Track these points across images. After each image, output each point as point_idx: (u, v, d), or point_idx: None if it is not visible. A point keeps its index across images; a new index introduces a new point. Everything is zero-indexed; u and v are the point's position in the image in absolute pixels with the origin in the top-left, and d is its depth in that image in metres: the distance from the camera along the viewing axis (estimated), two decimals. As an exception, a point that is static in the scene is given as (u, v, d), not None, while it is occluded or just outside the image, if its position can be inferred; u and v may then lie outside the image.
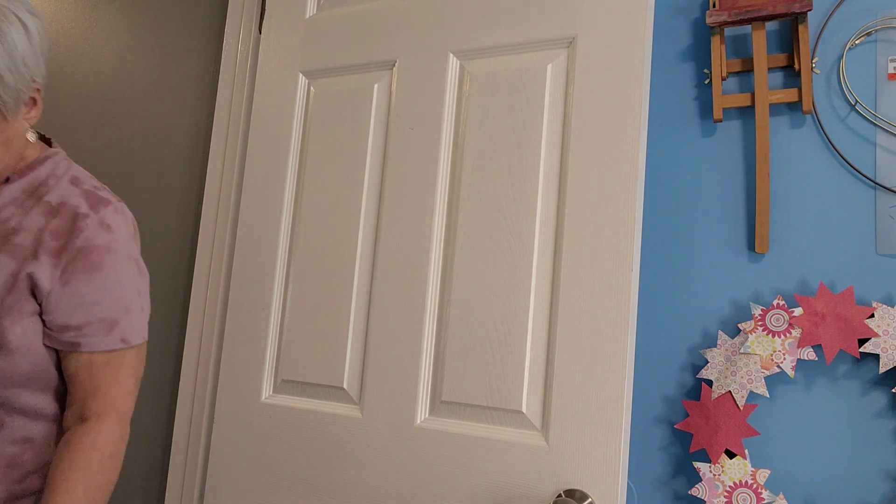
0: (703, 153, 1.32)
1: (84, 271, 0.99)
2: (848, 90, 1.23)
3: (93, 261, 0.99)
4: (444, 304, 1.26)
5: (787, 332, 1.17)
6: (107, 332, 1.01)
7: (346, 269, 1.36)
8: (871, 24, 1.23)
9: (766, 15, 1.21)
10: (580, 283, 1.14)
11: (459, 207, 1.27)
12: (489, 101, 1.28)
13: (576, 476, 1.09)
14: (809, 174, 1.24)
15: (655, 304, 1.30)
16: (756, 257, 1.25)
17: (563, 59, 1.24)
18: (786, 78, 1.28)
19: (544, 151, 1.22)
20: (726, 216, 1.29)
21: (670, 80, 1.36)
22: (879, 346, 1.12)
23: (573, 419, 1.11)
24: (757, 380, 1.17)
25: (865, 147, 1.21)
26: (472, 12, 1.32)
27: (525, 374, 1.17)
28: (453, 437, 1.20)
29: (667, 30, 1.37)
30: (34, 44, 0.97)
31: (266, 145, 1.51)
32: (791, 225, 1.24)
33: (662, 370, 1.29)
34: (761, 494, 1.14)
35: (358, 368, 1.32)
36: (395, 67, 1.39)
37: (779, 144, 1.26)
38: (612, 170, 1.15)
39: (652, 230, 1.32)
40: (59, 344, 1.00)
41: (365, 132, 1.40)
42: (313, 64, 1.49)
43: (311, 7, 1.53)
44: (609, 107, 1.17)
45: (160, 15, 1.83)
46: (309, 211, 1.43)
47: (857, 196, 1.21)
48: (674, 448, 1.26)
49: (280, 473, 1.35)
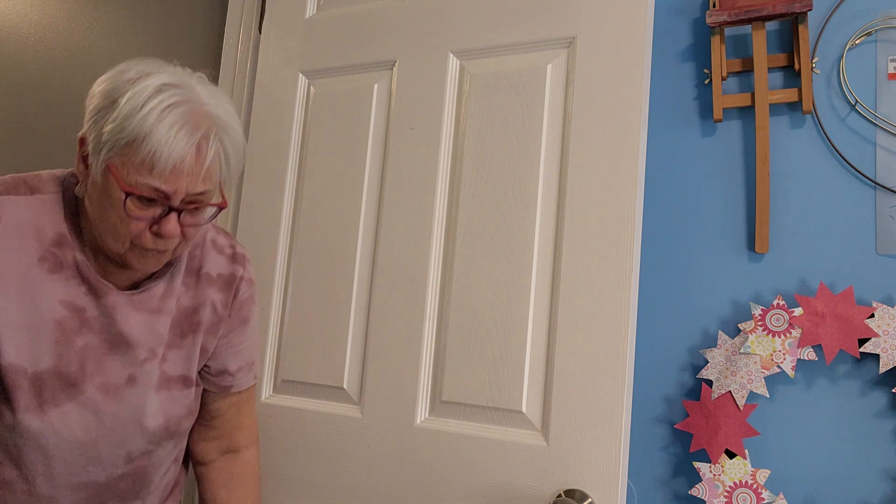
0: (703, 153, 1.32)
1: (241, 324, 1.10)
2: (848, 90, 1.23)
3: (244, 314, 1.10)
4: (444, 303, 1.26)
5: (787, 332, 1.17)
6: (249, 372, 1.13)
7: (346, 268, 1.36)
8: (872, 23, 1.23)
9: (767, 15, 1.21)
10: (580, 282, 1.14)
11: (459, 207, 1.27)
12: (489, 101, 1.28)
13: (576, 476, 1.09)
14: (809, 174, 1.24)
15: (655, 304, 1.30)
16: (756, 257, 1.25)
17: (563, 59, 1.24)
18: (786, 78, 1.28)
19: (544, 151, 1.22)
20: (726, 216, 1.29)
21: (670, 80, 1.36)
22: (879, 346, 1.11)
23: (573, 419, 1.11)
24: (757, 380, 1.17)
25: (865, 147, 1.21)
26: (472, 12, 1.32)
27: (525, 374, 1.17)
28: (453, 437, 1.20)
29: (667, 30, 1.37)
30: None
31: (266, 145, 1.51)
32: (791, 225, 1.24)
33: (662, 370, 1.29)
34: (761, 494, 1.14)
35: (358, 368, 1.32)
36: (395, 67, 1.39)
37: (779, 144, 1.26)
38: (612, 170, 1.15)
39: (652, 230, 1.32)
40: (214, 387, 1.10)
41: (365, 132, 1.40)
42: (313, 64, 1.48)
43: (311, 7, 1.53)
44: (609, 107, 1.17)
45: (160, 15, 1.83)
46: (309, 211, 1.43)
47: (858, 196, 1.21)
48: (674, 448, 1.26)
49: (280, 473, 1.35)
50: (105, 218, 0.87)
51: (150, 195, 0.84)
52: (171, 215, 0.86)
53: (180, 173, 0.84)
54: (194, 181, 0.85)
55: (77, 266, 0.92)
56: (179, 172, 0.84)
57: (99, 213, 0.88)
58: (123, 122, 0.81)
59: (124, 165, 0.83)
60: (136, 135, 0.81)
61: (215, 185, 0.90)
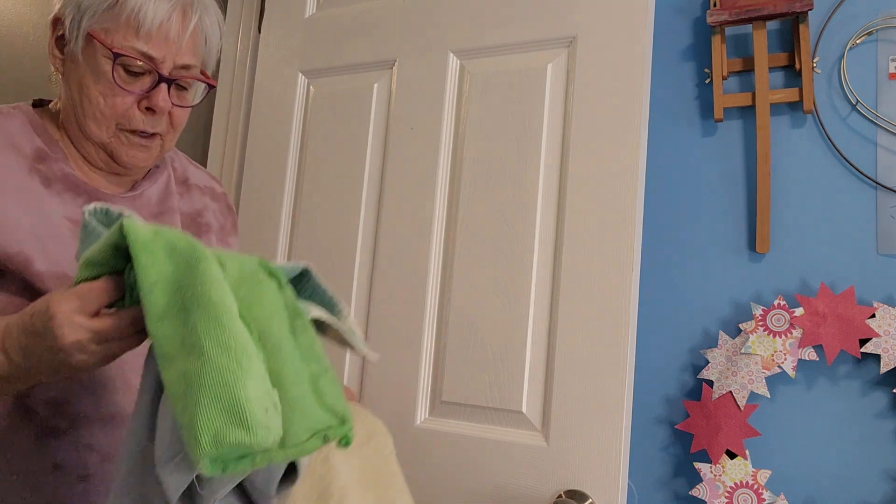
0: (703, 153, 1.32)
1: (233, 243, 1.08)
2: (849, 90, 1.23)
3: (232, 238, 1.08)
4: (443, 304, 1.26)
5: (787, 333, 1.17)
6: None
7: (345, 268, 1.36)
8: (872, 23, 1.23)
9: (767, 14, 1.21)
10: (580, 282, 1.14)
11: (459, 207, 1.27)
12: (489, 101, 1.28)
13: (576, 476, 1.09)
14: (810, 174, 1.24)
15: (656, 304, 1.30)
16: (757, 257, 1.25)
17: (563, 59, 1.23)
18: (787, 77, 1.28)
19: (544, 151, 1.21)
20: (727, 216, 1.28)
21: (671, 80, 1.35)
22: (880, 346, 1.11)
23: (573, 419, 1.10)
24: (758, 380, 1.17)
25: (866, 147, 1.21)
26: (472, 12, 1.32)
27: (525, 375, 1.16)
28: (453, 438, 1.20)
29: (667, 29, 1.36)
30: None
31: (265, 145, 1.51)
32: (792, 225, 1.24)
33: (663, 370, 1.28)
34: (762, 495, 1.14)
35: (358, 369, 1.32)
36: (394, 67, 1.39)
37: (779, 144, 1.26)
38: (613, 169, 1.15)
39: (652, 230, 1.32)
40: None
41: (365, 132, 1.40)
42: (313, 63, 1.48)
43: (311, 6, 1.52)
44: (609, 106, 1.17)
45: (160, 14, 1.82)
46: (308, 211, 1.43)
47: (858, 196, 1.20)
48: (674, 448, 1.26)
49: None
50: (88, 99, 0.83)
51: (137, 59, 0.82)
52: (160, 86, 0.84)
53: (166, 38, 0.82)
54: (180, 50, 0.84)
55: (67, 179, 0.86)
56: (165, 36, 0.82)
57: (80, 96, 0.84)
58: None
59: (108, 32, 0.81)
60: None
61: (198, 62, 0.89)
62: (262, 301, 0.58)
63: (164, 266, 0.57)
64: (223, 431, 0.48)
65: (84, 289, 0.61)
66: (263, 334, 0.56)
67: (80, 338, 0.60)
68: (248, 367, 0.51)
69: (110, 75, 0.82)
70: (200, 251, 0.57)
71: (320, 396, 0.56)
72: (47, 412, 0.81)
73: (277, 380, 0.54)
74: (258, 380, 0.52)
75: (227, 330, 0.52)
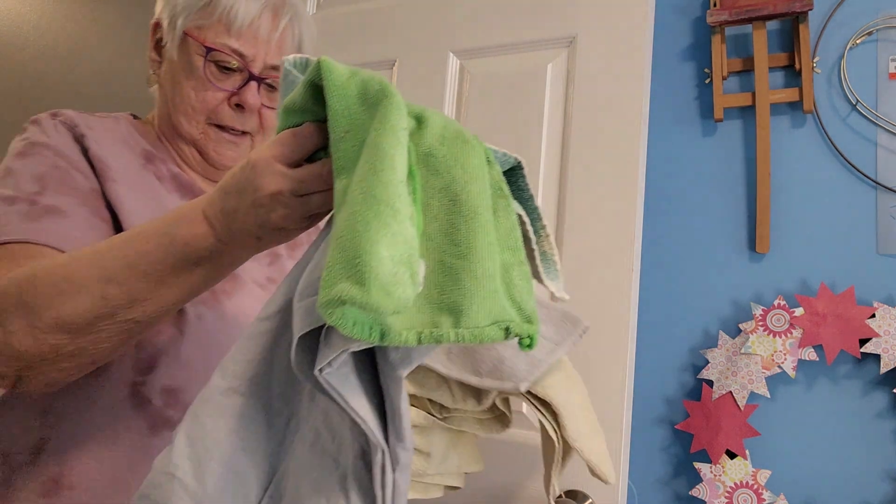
0: (703, 153, 1.32)
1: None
2: (849, 90, 1.23)
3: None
4: (444, 304, 1.26)
5: (787, 333, 1.17)
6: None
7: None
8: (872, 23, 1.23)
9: (767, 14, 1.21)
10: (581, 282, 1.14)
11: (459, 207, 1.27)
12: (489, 100, 1.28)
13: (576, 476, 1.09)
14: (810, 174, 1.24)
15: (656, 304, 1.30)
16: (757, 257, 1.25)
17: (563, 59, 1.23)
18: (786, 77, 1.28)
19: (544, 151, 1.21)
20: (727, 216, 1.28)
21: (671, 80, 1.35)
22: (880, 346, 1.11)
23: (573, 419, 1.10)
24: (758, 380, 1.17)
25: (866, 147, 1.21)
26: (472, 12, 1.32)
27: (525, 375, 1.16)
28: (453, 438, 1.20)
29: (667, 29, 1.36)
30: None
31: (266, 145, 1.51)
32: (792, 225, 1.24)
33: (663, 370, 1.28)
34: (762, 495, 1.14)
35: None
36: (394, 67, 1.39)
37: (779, 144, 1.26)
38: (613, 169, 1.15)
39: (652, 230, 1.32)
40: None
41: (365, 132, 1.40)
42: (313, 63, 1.48)
43: (311, 6, 1.52)
44: (610, 106, 1.17)
45: (160, 14, 1.82)
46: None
47: (858, 196, 1.21)
48: (674, 448, 1.26)
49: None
50: (180, 95, 0.86)
51: (228, 55, 0.84)
52: (250, 84, 0.86)
53: (256, 36, 0.85)
54: (270, 50, 0.86)
55: (175, 177, 0.89)
56: (255, 34, 0.85)
57: (172, 94, 0.87)
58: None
59: (201, 29, 0.85)
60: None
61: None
62: (465, 164, 0.52)
63: (357, 112, 0.52)
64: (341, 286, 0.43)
65: (286, 135, 0.58)
66: (458, 196, 0.50)
67: (280, 187, 0.56)
68: (388, 222, 0.45)
69: (202, 70, 0.85)
70: (390, 96, 0.51)
71: (509, 287, 0.50)
72: (162, 401, 0.78)
73: (467, 249, 0.48)
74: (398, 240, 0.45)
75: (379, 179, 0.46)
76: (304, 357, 0.50)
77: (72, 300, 0.62)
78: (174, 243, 0.61)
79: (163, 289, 0.63)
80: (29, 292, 0.63)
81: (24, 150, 0.80)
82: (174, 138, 0.90)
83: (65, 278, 0.63)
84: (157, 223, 0.64)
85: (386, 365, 0.51)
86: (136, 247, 0.62)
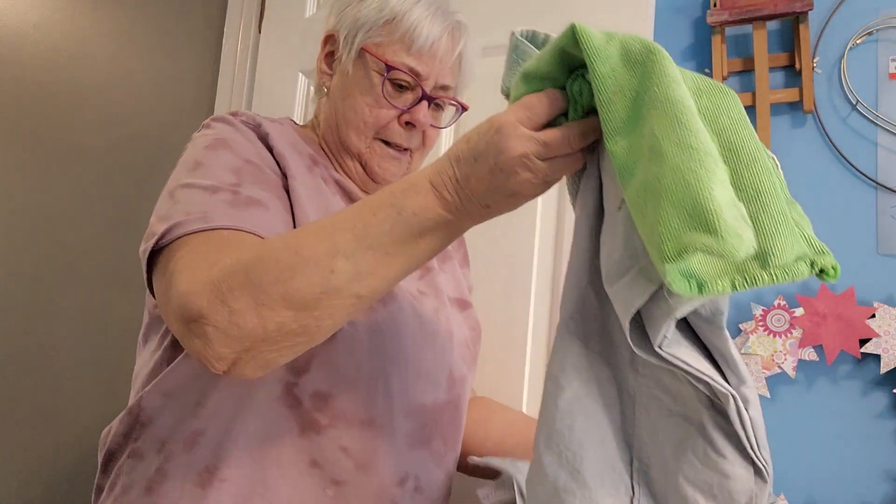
0: (703, 153, 1.32)
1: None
2: (849, 90, 1.23)
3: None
4: (444, 304, 1.26)
5: (788, 333, 1.17)
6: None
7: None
8: (872, 23, 1.23)
9: (767, 14, 1.21)
10: (580, 283, 1.14)
11: (459, 207, 1.27)
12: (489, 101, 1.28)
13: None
14: (810, 174, 1.24)
15: (656, 304, 1.30)
16: (757, 257, 1.25)
17: (563, 59, 1.23)
18: (787, 77, 1.28)
19: (544, 151, 1.21)
20: (727, 216, 1.28)
21: (671, 80, 1.35)
22: (880, 346, 1.11)
23: (573, 420, 1.10)
24: (758, 380, 1.17)
25: (866, 147, 1.21)
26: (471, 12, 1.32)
27: (525, 374, 1.17)
28: (453, 438, 1.20)
29: (667, 29, 1.36)
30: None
31: (266, 145, 1.51)
32: (792, 225, 1.24)
33: (663, 370, 1.28)
34: (762, 495, 1.14)
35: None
36: (395, 67, 1.39)
37: (780, 144, 1.26)
38: (613, 170, 1.14)
39: (652, 230, 1.31)
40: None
41: (365, 132, 1.39)
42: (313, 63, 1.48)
43: (311, 6, 1.52)
44: (609, 106, 1.17)
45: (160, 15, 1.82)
46: (309, 211, 1.43)
47: (858, 196, 1.20)
48: (674, 448, 1.26)
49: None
50: (353, 109, 0.87)
51: (406, 74, 0.86)
52: (422, 102, 0.87)
53: (434, 56, 0.87)
54: (445, 69, 0.88)
55: (338, 183, 0.90)
56: (434, 54, 0.87)
57: (344, 107, 0.88)
58: (383, 2, 0.87)
59: (380, 46, 0.86)
60: (397, 12, 0.86)
61: (455, 84, 0.92)
62: (730, 112, 0.52)
63: (622, 73, 0.52)
64: (688, 237, 0.42)
65: (531, 99, 0.58)
66: (732, 144, 0.50)
67: (527, 150, 0.56)
68: (713, 169, 0.45)
69: (379, 88, 0.86)
70: (656, 50, 0.51)
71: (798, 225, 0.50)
72: (311, 404, 0.77)
73: (755, 193, 0.48)
74: (726, 185, 0.45)
75: (688, 129, 0.46)
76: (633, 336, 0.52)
77: (301, 275, 0.61)
78: (402, 213, 0.61)
79: (388, 261, 0.62)
80: (256, 269, 0.62)
81: (212, 144, 0.80)
82: (339, 149, 0.91)
83: (295, 253, 0.62)
84: (381, 195, 0.64)
85: (701, 321, 0.54)
86: (364, 219, 0.62)
